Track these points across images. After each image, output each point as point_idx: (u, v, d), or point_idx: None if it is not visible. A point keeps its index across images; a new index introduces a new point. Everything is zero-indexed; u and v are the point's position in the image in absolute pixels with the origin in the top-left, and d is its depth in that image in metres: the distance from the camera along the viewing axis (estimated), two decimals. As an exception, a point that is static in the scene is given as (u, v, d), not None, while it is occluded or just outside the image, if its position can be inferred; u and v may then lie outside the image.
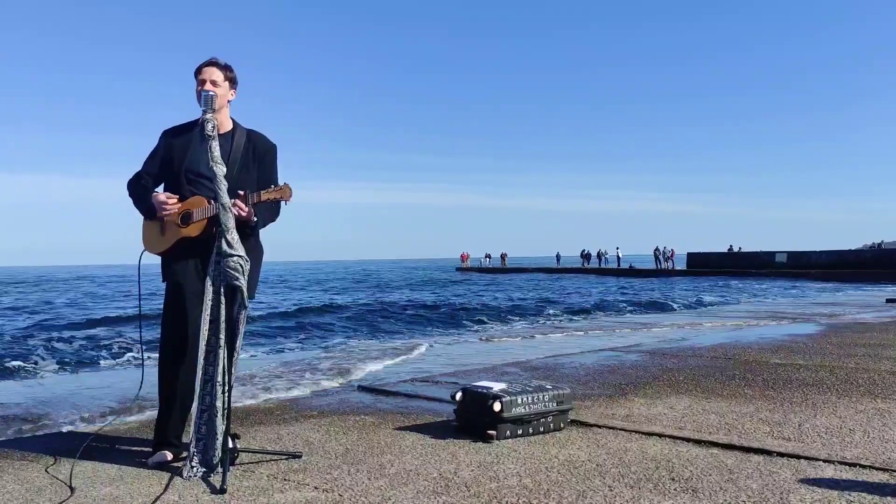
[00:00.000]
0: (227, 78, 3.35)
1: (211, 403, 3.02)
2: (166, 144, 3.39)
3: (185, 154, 3.33)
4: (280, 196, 3.39)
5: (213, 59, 3.35)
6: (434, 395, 4.88)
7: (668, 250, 56.39)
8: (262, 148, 3.47)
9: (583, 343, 10.02)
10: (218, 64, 3.33)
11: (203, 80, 3.29)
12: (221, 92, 3.30)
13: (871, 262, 43.70)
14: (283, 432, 3.81)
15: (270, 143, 3.51)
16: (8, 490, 2.85)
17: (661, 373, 5.76)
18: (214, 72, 3.31)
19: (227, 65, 3.36)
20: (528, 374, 5.85)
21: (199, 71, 3.32)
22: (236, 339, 3.11)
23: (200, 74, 3.30)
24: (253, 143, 3.42)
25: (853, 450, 3.29)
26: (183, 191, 3.29)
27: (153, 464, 3.16)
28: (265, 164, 3.46)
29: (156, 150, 3.43)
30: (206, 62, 3.33)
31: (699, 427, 3.79)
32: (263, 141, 3.48)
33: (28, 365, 9.48)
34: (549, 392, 3.70)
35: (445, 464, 3.14)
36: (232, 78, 3.37)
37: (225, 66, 3.35)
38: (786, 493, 2.68)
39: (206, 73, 3.30)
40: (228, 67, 3.36)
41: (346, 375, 7.59)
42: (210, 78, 3.29)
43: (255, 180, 3.38)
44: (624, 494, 2.69)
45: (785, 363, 6.21)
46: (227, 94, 3.35)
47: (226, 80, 3.34)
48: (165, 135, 3.43)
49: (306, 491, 2.78)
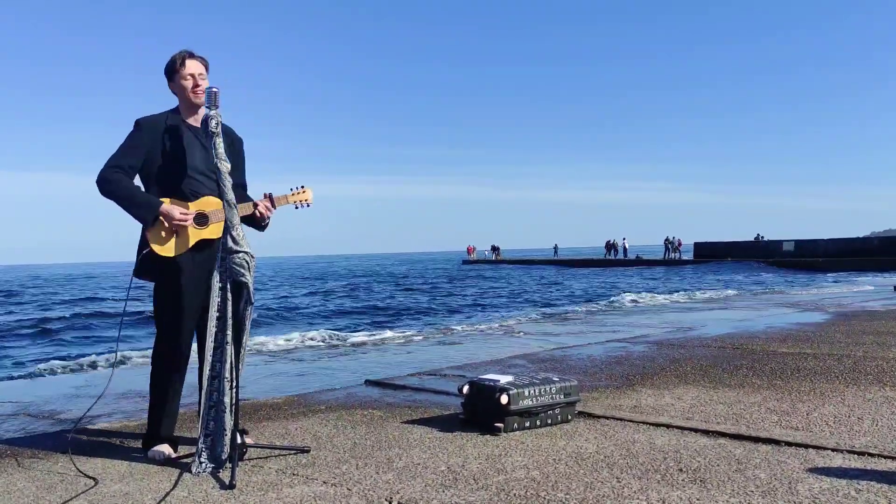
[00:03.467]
0: (207, 69, 3.32)
1: (219, 399, 3.03)
2: (152, 138, 3.23)
3: (183, 149, 3.24)
4: (304, 199, 3.44)
5: (190, 51, 3.29)
6: (441, 389, 4.89)
7: (676, 240, 56.31)
8: (237, 140, 3.47)
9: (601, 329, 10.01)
10: (197, 56, 3.30)
11: (191, 75, 3.25)
12: (206, 84, 3.29)
13: (879, 250, 43.54)
14: (291, 427, 3.82)
15: (240, 137, 3.50)
16: (18, 487, 2.87)
17: (669, 363, 5.75)
18: (198, 65, 3.29)
19: (202, 56, 3.33)
20: (535, 366, 5.85)
21: (181, 64, 3.25)
22: (243, 334, 3.11)
23: (185, 69, 3.25)
24: (230, 137, 3.39)
25: (862, 438, 3.28)
26: (182, 187, 3.23)
27: (160, 458, 3.17)
28: (239, 158, 3.46)
29: (138, 142, 3.22)
30: (187, 55, 3.27)
31: (707, 417, 3.78)
32: (235, 134, 3.47)
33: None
34: (556, 384, 3.70)
35: (453, 457, 3.15)
36: (208, 69, 3.34)
37: (201, 57, 3.32)
38: (794, 483, 2.68)
39: (193, 67, 3.26)
40: (205, 59, 3.33)
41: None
42: (197, 71, 3.27)
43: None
44: (632, 486, 2.69)
45: (792, 352, 6.20)
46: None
47: (206, 70, 3.32)
48: (148, 126, 3.25)
49: (315, 485, 2.79)
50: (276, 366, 7.77)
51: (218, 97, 3.15)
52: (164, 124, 3.27)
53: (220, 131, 3.11)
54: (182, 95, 3.30)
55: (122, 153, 3.22)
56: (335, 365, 7.68)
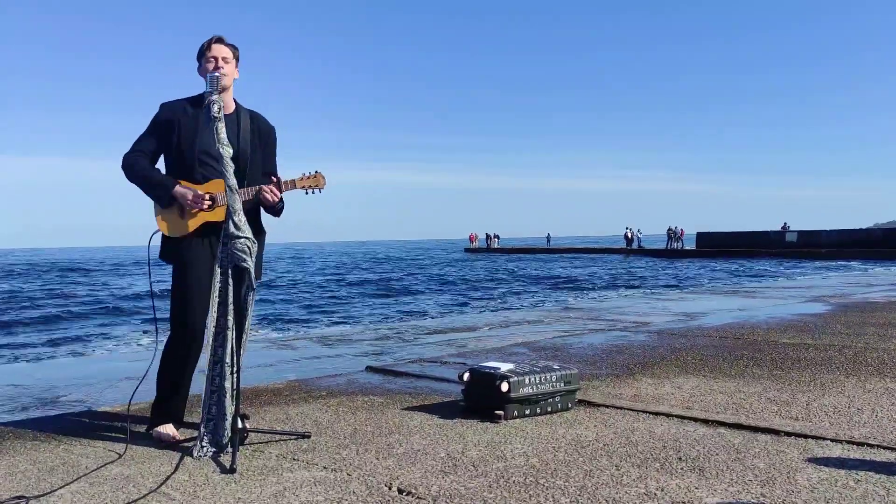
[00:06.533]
0: (235, 56, 3.35)
1: (220, 384, 3.05)
2: (168, 121, 3.30)
3: (195, 133, 3.27)
4: (315, 184, 3.43)
5: (220, 37, 3.32)
6: (442, 376, 4.90)
7: (679, 230, 56.30)
8: (266, 129, 3.48)
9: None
10: (225, 41, 3.32)
11: (214, 58, 3.26)
12: (229, 70, 3.30)
13: (881, 241, 43.50)
14: (291, 412, 3.84)
15: (271, 125, 3.53)
16: (21, 469, 2.88)
17: (669, 353, 5.76)
18: (224, 49, 3.30)
19: (232, 43, 3.35)
20: (536, 354, 5.86)
21: (207, 48, 3.29)
22: (244, 320, 3.12)
23: (210, 52, 3.28)
24: (257, 125, 3.43)
25: (861, 429, 3.29)
26: (194, 172, 3.27)
27: (165, 438, 3.19)
28: (269, 146, 3.49)
29: (155, 126, 3.32)
30: (215, 39, 3.30)
31: (707, 407, 3.79)
32: (265, 122, 3.50)
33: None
34: (556, 372, 3.71)
35: (453, 444, 3.16)
36: (237, 57, 3.37)
37: (231, 44, 3.34)
38: (793, 473, 2.68)
39: (217, 51, 3.28)
40: (235, 46, 3.35)
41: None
42: (221, 55, 3.28)
43: (261, 162, 3.40)
44: (631, 474, 2.70)
45: (793, 343, 6.20)
46: (233, 73, 3.35)
47: (234, 57, 3.34)
48: (167, 110, 3.33)
49: (315, 470, 2.80)
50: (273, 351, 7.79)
51: (220, 82, 3.14)
52: (182, 108, 3.32)
53: (221, 116, 3.11)
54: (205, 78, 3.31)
55: (144, 137, 3.33)
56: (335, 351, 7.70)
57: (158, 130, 3.32)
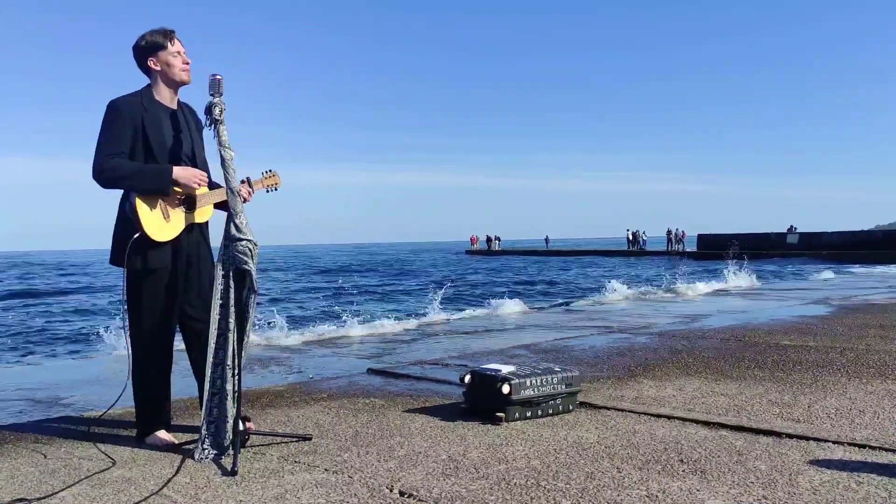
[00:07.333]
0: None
1: (222, 386, 3.04)
2: (133, 120, 3.11)
3: (162, 133, 3.18)
4: (274, 183, 3.47)
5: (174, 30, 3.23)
6: (443, 378, 4.90)
7: (680, 232, 56.27)
8: (198, 121, 3.44)
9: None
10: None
11: (180, 52, 3.21)
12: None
13: (882, 243, 43.50)
14: (293, 415, 3.84)
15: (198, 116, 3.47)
16: (22, 472, 2.88)
17: (671, 355, 5.75)
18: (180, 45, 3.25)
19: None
20: (538, 356, 5.86)
21: (170, 41, 3.19)
22: (246, 322, 3.12)
23: (174, 45, 3.20)
24: (195, 117, 3.39)
25: (863, 431, 3.28)
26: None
27: (161, 445, 3.19)
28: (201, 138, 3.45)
29: (121, 125, 3.09)
30: (172, 32, 3.21)
31: (708, 409, 3.79)
32: (196, 114, 3.44)
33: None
34: (557, 374, 3.71)
35: (454, 446, 3.16)
36: None
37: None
38: (794, 475, 2.68)
39: (180, 46, 3.23)
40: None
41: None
42: (184, 50, 3.24)
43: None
44: (632, 476, 2.70)
45: (795, 344, 6.19)
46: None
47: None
48: (126, 109, 3.12)
49: (316, 473, 2.80)
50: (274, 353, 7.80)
51: (222, 84, 3.13)
52: (141, 106, 3.16)
53: (223, 118, 3.11)
54: (167, 74, 3.21)
55: (112, 141, 3.08)
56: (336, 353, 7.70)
57: (125, 131, 3.10)
